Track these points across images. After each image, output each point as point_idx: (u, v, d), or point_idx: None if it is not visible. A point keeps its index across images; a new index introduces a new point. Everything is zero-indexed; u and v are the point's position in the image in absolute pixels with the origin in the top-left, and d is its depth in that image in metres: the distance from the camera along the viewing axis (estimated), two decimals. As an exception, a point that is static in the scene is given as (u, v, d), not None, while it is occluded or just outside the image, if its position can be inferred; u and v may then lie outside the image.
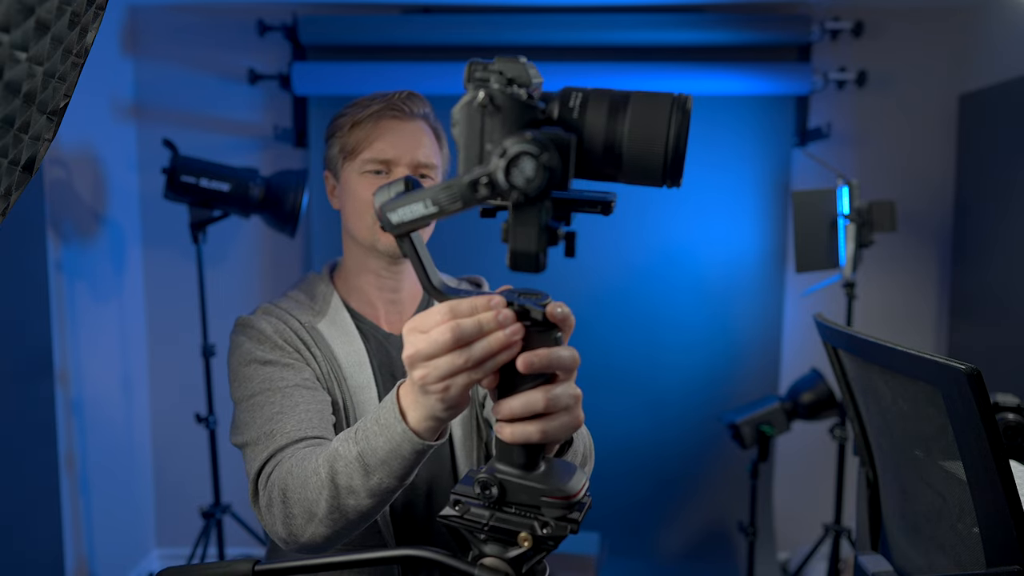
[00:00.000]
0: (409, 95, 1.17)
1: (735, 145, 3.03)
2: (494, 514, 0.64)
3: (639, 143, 0.58)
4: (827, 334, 1.16)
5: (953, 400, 0.77)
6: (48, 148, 0.52)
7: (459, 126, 0.60)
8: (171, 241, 3.08)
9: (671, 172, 0.58)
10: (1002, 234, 2.76)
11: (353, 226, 1.18)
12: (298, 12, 2.96)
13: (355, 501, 0.84)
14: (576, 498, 0.64)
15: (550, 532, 0.63)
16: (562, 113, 0.59)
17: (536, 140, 0.56)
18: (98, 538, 2.79)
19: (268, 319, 1.12)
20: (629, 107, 0.58)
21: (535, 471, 0.65)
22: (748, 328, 3.09)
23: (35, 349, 2.28)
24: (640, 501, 3.16)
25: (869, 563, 1.06)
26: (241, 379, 1.08)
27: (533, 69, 0.61)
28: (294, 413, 1.01)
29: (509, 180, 0.56)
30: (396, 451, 0.78)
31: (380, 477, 0.81)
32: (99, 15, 0.52)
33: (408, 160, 1.15)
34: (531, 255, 0.59)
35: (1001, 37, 2.82)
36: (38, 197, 2.29)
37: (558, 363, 0.65)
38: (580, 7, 2.92)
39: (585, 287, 3.07)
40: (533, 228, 0.59)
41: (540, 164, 0.55)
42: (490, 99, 0.58)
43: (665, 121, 0.57)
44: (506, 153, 0.56)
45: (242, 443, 1.03)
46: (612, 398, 3.08)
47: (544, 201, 0.58)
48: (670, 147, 0.57)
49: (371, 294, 1.21)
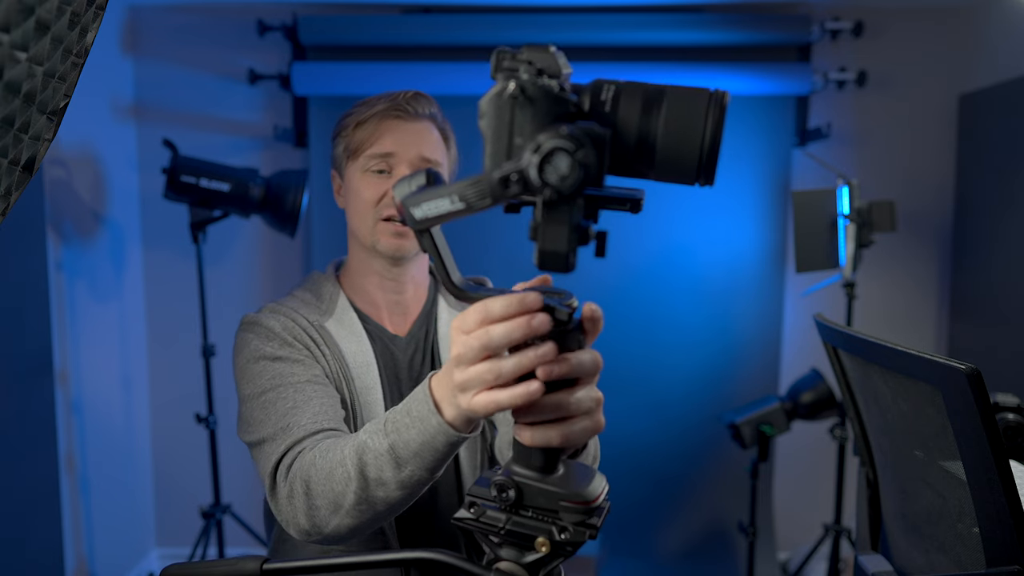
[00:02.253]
0: (415, 95, 1.17)
1: (735, 145, 3.03)
2: (511, 518, 0.63)
3: (674, 139, 0.56)
4: (827, 334, 1.16)
5: (953, 400, 0.77)
6: (48, 148, 0.52)
7: (487, 118, 0.57)
8: (171, 241, 3.08)
9: (705, 170, 0.56)
10: (1002, 234, 2.76)
11: (356, 226, 1.18)
12: (298, 12, 2.96)
13: (384, 493, 0.85)
14: (596, 503, 0.62)
15: (568, 537, 0.61)
16: (594, 106, 0.57)
17: (571, 135, 0.53)
18: (98, 538, 2.79)
19: (276, 317, 1.11)
20: (664, 102, 0.56)
21: (554, 474, 0.64)
22: (748, 328, 3.09)
23: (35, 349, 2.28)
24: (640, 501, 3.16)
25: (869, 563, 1.06)
26: (250, 376, 1.07)
27: (563, 59, 0.58)
28: (309, 406, 1.00)
29: (543, 177, 0.53)
30: (430, 443, 0.78)
31: (412, 469, 0.81)
32: (99, 15, 0.52)
33: (411, 156, 1.14)
34: (561, 255, 0.57)
35: (1001, 37, 2.82)
36: (38, 197, 2.29)
37: (579, 370, 0.63)
38: (580, 7, 2.92)
39: (585, 287, 3.07)
40: (564, 227, 0.56)
41: (576, 161, 0.53)
42: (521, 90, 0.55)
43: (702, 117, 0.55)
44: (540, 148, 0.53)
45: (256, 440, 1.02)
46: (612, 398, 3.06)
47: (577, 199, 0.56)
48: (706, 145, 0.55)
49: (375, 295, 1.21)
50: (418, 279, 1.24)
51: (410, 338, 1.22)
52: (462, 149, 1.28)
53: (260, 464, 1.00)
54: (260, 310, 1.15)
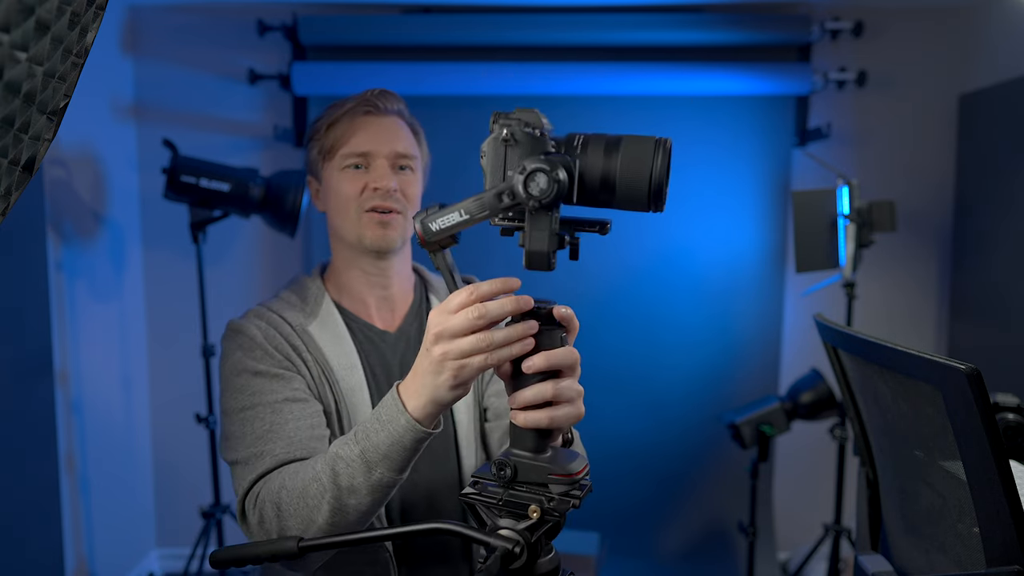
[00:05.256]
0: (381, 92, 1.20)
1: (735, 145, 3.03)
2: (507, 491, 0.76)
3: (629, 176, 0.71)
4: (827, 334, 1.16)
5: (953, 400, 0.77)
6: (48, 148, 0.52)
7: (486, 157, 0.75)
8: (171, 241, 3.08)
9: (655, 199, 0.72)
10: (1002, 234, 2.76)
11: (339, 224, 1.19)
12: (298, 12, 2.96)
13: (356, 500, 0.89)
14: (578, 477, 0.76)
15: (555, 506, 0.74)
16: (568, 151, 0.74)
17: (548, 159, 0.71)
18: (98, 538, 2.79)
19: (259, 323, 1.13)
20: (622, 146, 0.72)
21: (543, 454, 0.77)
22: (748, 328, 3.09)
23: (35, 349, 2.28)
24: (640, 501, 3.16)
25: (869, 563, 1.06)
26: (232, 390, 1.09)
27: (545, 118, 0.75)
28: (283, 431, 1.03)
29: (527, 190, 0.71)
30: (398, 443, 0.85)
31: (381, 472, 0.87)
32: (99, 15, 0.52)
33: (386, 151, 1.17)
34: (544, 254, 0.73)
35: (1001, 37, 2.83)
36: (38, 197, 2.29)
37: (557, 363, 0.77)
38: (580, 7, 2.92)
39: (585, 288, 3.07)
40: (545, 232, 0.73)
41: (552, 178, 0.70)
42: (511, 135, 0.73)
43: (651, 158, 0.71)
44: (525, 169, 0.71)
45: (230, 461, 1.06)
46: (612, 398, 3.08)
47: (554, 210, 0.72)
48: (655, 179, 0.71)
49: (362, 292, 1.22)
50: (403, 273, 1.25)
51: (400, 334, 1.22)
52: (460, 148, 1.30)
53: (234, 486, 1.04)
54: (245, 314, 1.17)
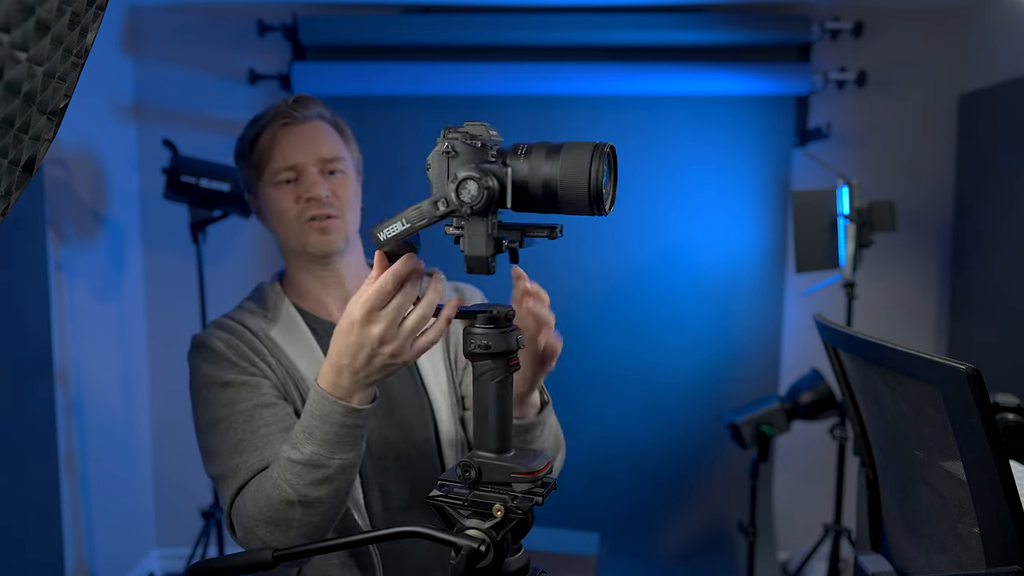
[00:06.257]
0: (296, 99, 1.20)
1: (735, 145, 3.03)
2: (472, 491, 0.77)
3: (568, 182, 0.73)
4: (827, 334, 1.15)
5: (953, 400, 0.77)
6: (48, 148, 0.52)
7: (432, 168, 0.77)
8: (171, 241, 3.07)
9: (595, 204, 0.73)
10: (1002, 234, 2.76)
11: (283, 236, 1.21)
12: (298, 12, 2.96)
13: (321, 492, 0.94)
14: (540, 474, 0.77)
15: (518, 504, 0.75)
16: (510, 160, 0.75)
17: (479, 168, 0.73)
18: (98, 538, 2.79)
19: (220, 334, 1.15)
20: (561, 154, 0.73)
21: (506, 454, 0.79)
22: (748, 328, 3.09)
23: (35, 349, 2.28)
24: (640, 501, 3.16)
25: (869, 563, 1.06)
26: (204, 404, 1.12)
27: (494, 130, 0.78)
28: (256, 438, 1.05)
29: (459, 197, 0.73)
30: (339, 423, 0.91)
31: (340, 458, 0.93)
32: (99, 15, 0.52)
33: (313, 159, 1.17)
34: (482, 258, 0.75)
35: (1001, 37, 2.82)
36: (38, 197, 2.29)
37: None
38: (580, 7, 2.92)
39: (585, 288, 3.07)
40: (481, 237, 0.75)
41: (481, 185, 0.72)
42: (452, 147, 0.76)
43: (588, 163, 0.72)
44: (456, 178, 0.73)
45: (212, 475, 1.08)
46: (612, 399, 3.08)
47: (488, 216, 0.74)
48: (592, 185, 0.72)
49: (319, 294, 1.23)
50: (357, 267, 1.26)
51: None
52: None
53: (220, 500, 1.08)
54: (208, 326, 1.19)
